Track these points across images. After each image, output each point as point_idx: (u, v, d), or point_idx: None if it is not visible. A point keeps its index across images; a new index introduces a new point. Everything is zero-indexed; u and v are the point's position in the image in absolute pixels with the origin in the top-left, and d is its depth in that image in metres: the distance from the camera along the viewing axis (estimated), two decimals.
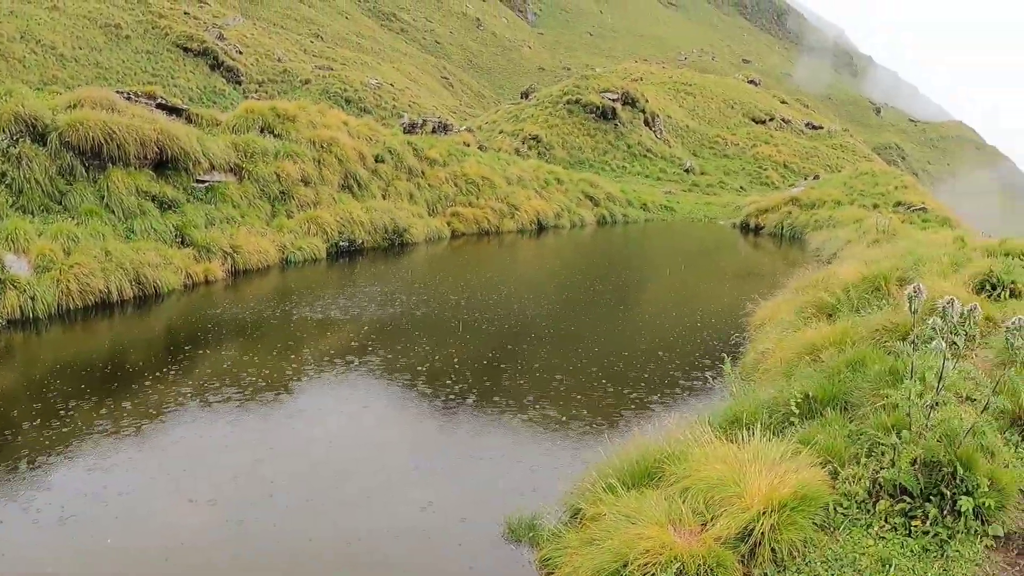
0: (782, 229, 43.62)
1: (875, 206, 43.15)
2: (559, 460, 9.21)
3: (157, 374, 11.91)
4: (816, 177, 65.32)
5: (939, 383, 5.96)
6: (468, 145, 42.71)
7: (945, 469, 5.95)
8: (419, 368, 12.78)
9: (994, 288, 12.40)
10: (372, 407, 11.15)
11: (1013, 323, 5.85)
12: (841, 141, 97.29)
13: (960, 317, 5.87)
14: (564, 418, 10.63)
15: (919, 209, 41.64)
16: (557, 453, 9.48)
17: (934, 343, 5.98)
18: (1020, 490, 6.23)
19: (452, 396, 11.42)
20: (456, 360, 13.39)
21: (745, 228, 46.20)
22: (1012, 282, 12.50)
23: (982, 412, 6.15)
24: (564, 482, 7.76)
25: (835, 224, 37.92)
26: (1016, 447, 7.02)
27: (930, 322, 5.97)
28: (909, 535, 5.79)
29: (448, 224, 31.18)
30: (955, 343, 5.97)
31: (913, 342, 6.35)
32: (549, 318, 17.68)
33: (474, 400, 11.34)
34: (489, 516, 7.55)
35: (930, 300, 10.58)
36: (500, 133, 64.72)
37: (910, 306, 6.11)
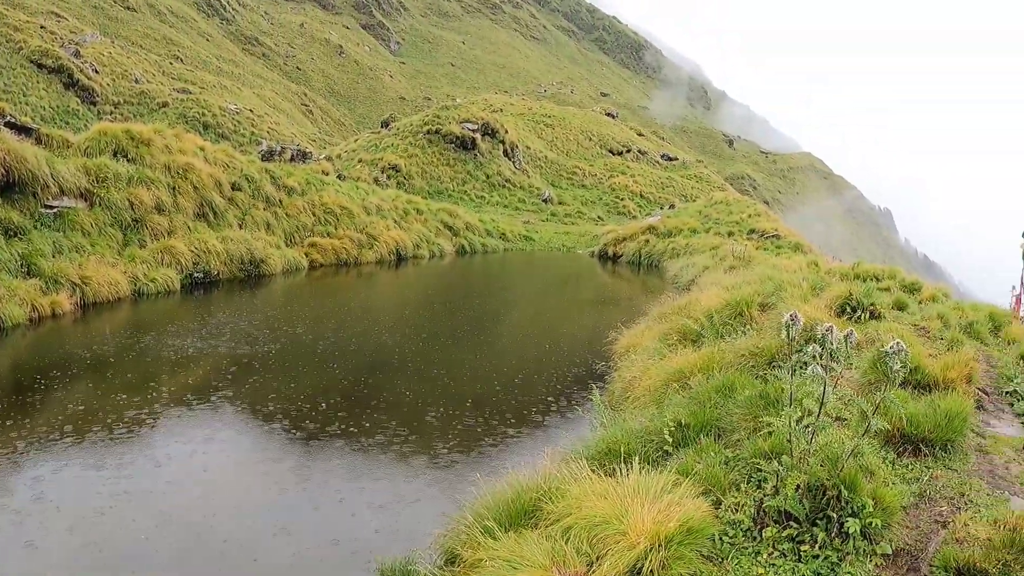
0: (640, 257, 44.38)
1: (730, 233, 44.34)
2: (430, 500, 8.95)
3: None
4: (672, 206, 66.80)
5: (820, 408, 5.95)
6: (327, 174, 42.18)
7: (830, 492, 5.95)
8: (279, 406, 12.30)
9: (854, 310, 12.73)
10: (230, 449, 10.51)
11: (892, 347, 5.88)
12: (696, 172, 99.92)
13: (839, 343, 5.86)
14: (433, 455, 10.35)
15: (772, 236, 42.91)
16: (428, 492, 9.20)
17: (809, 369, 5.98)
18: (902, 507, 6.34)
19: (315, 435, 10.99)
20: (318, 397, 12.93)
21: (604, 257, 46.83)
22: (871, 304, 12.88)
23: (863, 434, 6.20)
24: (437, 524, 7.49)
25: (692, 252, 38.75)
26: (893, 465, 7.23)
27: (809, 349, 5.97)
28: (799, 560, 5.74)
29: (306, 255, 30.47)
30: (832, 368, 5.97)
31: (792, 369, 6.34)
32: (412, 351, 17.24)
33: (338, 438, 10.93)
34: (359, 563, 7.27)
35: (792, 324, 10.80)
36: (359, 162, 64.17)
37: (787, 333, 6.07)
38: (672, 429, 7.97)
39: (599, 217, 69.15)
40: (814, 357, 5.91)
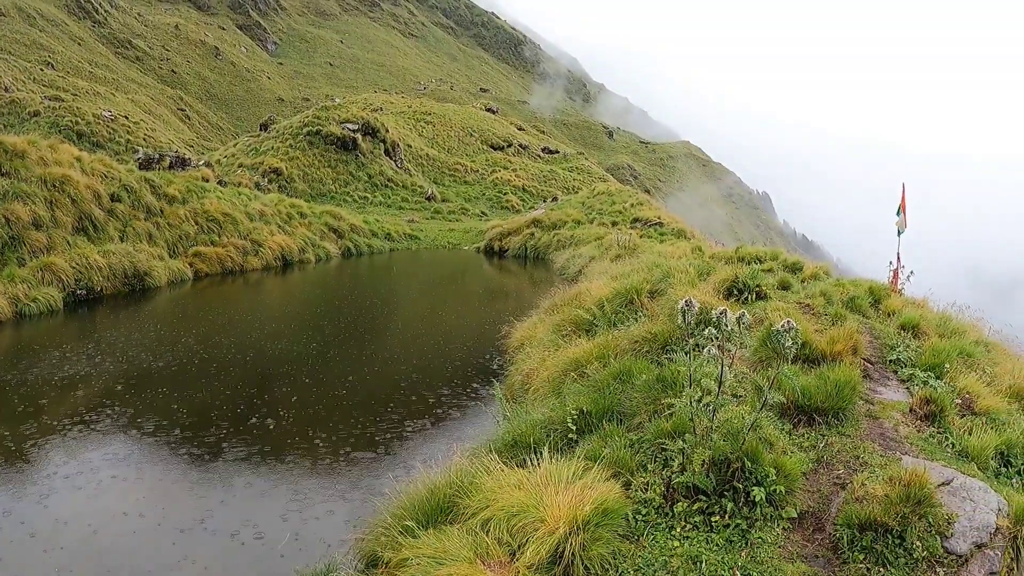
0: (526, 251, 44.70)
1: (614, 223, 44.98)
2: (345, 505, 8.93)
3: None
4: (555, 199, 67.38)
5: (719, 387, 6.19)
6: (208, 180, 41.35)
7: (734, 465, 6.30)
8: (175, 423, 12.01)
9: (740, 292, 13.12)
10: (126, 472, 10.09)
11: (782, 326, 6.15)
12: (577, 164, 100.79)
13: (733, 325, 6.11)
14: (341, 460, 10.34)
15: (655, 224, 43.69)
16: (341, 498, 9.17)
17: (706, 350, 6.23)
18: (803, 473, 6.77)
19: (217, 450, 10.77)
20: (217, 411, 12.71)
21: (490, 252, 47.02)
22: (757, 285, 13.31)
23: (760, 408, 6.49)
24: (355, 528, 7.50)
25: (577, 243, 39.14)
26: (790, 435, 7.66)
27: (706, 332, 6.21)
28: (711, 531, 6.07)
29: (190, 265, 29.73)
30: (728, 348, 6.22)
31: (689, 351, 6.57)
32: (308, 356, 17.06)
33: (241, 451, 10.74)
34: None
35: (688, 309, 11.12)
36: (240, 167, 63.16)
37: (683, 318, 6.33)
38: (575, 417, 8.18)
39: (483, 213, 69.32)
40: (710, 339, 6.15)
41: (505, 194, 77.23)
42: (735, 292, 13.20)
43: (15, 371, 14.97)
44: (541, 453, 6.86)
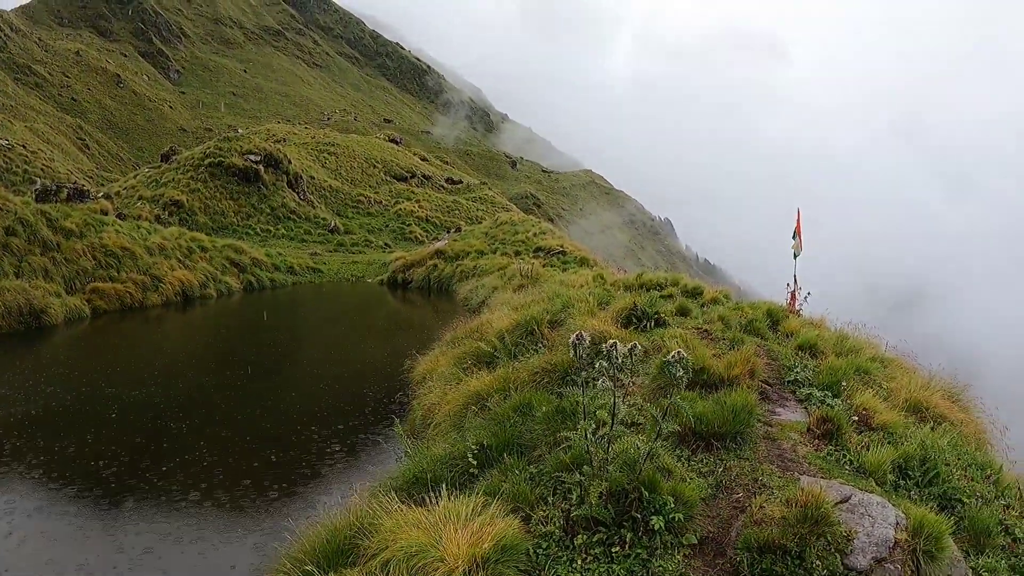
0: (429, 282, 44.72)
1: (517, 253, 45.22)
2: (244, 550, 8.76)
3: None
4: (459, 229, 67.39)
5: (612, 419, 6.29)
6: (107, 213, 40.58)
7: (632, 495, 6.35)
8: (72, 468, 11.61)
9: (639, 320, 13.28)
10: (20, 522, 9.63)
11: (673, 356, 6.28)
12: (480, 194, 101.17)
13: (625, 357, 6.21)
14: (241, 504, 10.12)
15: (558, 252, 44.02)
16: (240, 543, 8.99)
17: (600, 382, 6.35)
18: (702, 499, 6.84)
19: (113, 496, 10.44)
20: (110, 454, 12.30)
21: (393, 284, 46.92)
22: (656, 313, 13.49)
23: (656, 438, 6.59)
24: (254, 573, 7.41)
25: (481, 273, 39.26)
26: (688, 461, 7.71)
27: (597, 365, 6.31)
28: (612, 561, 6.09)
29: (88, 302, 28.90)
30: (620, 380, 6.33)
31: (582, 384, 6.66)
32: (208, 395, 16.72)
33: (138, 496, 10.44)
34: None
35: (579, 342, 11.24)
36: (140, 199, 61.97)
37: (574, 352, 6.41)
38: (475, 452, 8.15)
39: (386, 244, 69.08)
40: (601, 372, 6.26)
41: (409, 225, 77.11)
42: (634, 320, 13.34)
43: None
44: (440, 490, 6.81)
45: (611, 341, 6.24)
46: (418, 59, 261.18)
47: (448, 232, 68.51)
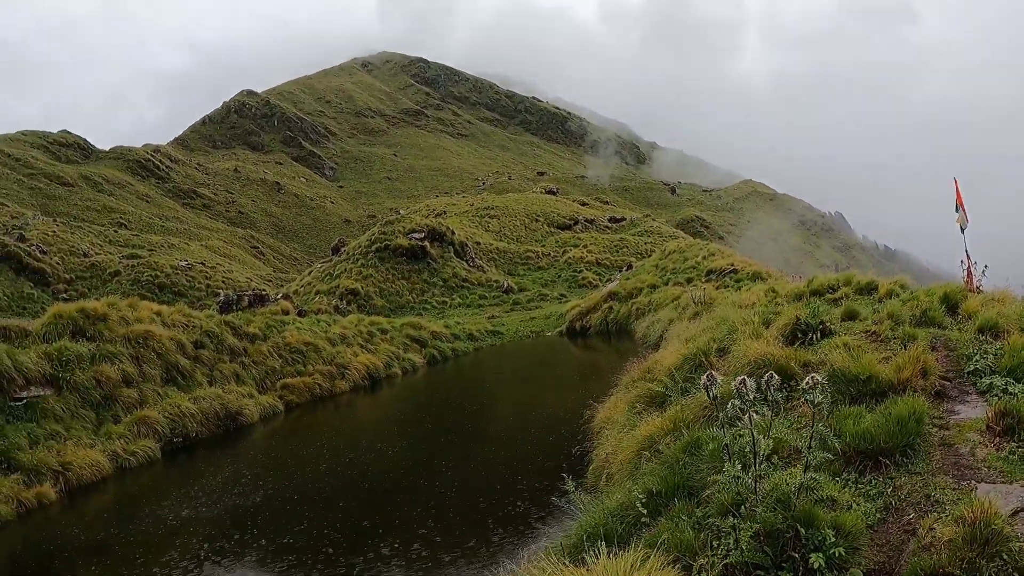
0: (607, 325, 44.54)
1: (688, 280, 44.76)
2: None
3: None
4: (629, 267, 67.20)
5: (755, 458, 6.10)
6: (287, 313, 42.06)
7: (787, 534, 5.98)
8: (288, 557, 12.26)
9: (804, 333, 12.88)
10: None
11: (807, 383, 6.08)
12: (645, 227, 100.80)
13: (758, 391, 6.06)
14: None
15: (730, 272, 43.37)
16: None
17: (741, 422, 6.15)
18: (868, 526, 6.35)
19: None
20: (325, 539, 12.87)
21: (572, 333, 46.94)
22: (820, 323, 13.03)
23: (805, 471, 6.27)
24: None
25: (655, 307, 38.91)
26: (856, 485, 7.17)
27: (728, 406, 6.13)
28: None
29: (280, 398, 30.02)
30: (762, 412, 6.15)
31: (721, 425, 6.50)
32: (403, 469, 17.30)
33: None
34: None
35: (749, 364, 10.97)
36: (317, 294, 64.12)
37: (708, 394, 6.28)
38: (643, 500, 7.89)
39: (561, 295, 69.23)
40: (741, 410, 6.06)
41: (580, 272, 77.15)
42: (799, 335, 12.99)
43: (121, 524, 15.36)
44: (599, 548, 6.56)
45: (739, 378, 6.08)
46: (556, 108, 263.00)
47: (620, 271, 68.33)
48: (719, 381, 6.21)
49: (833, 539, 5.89)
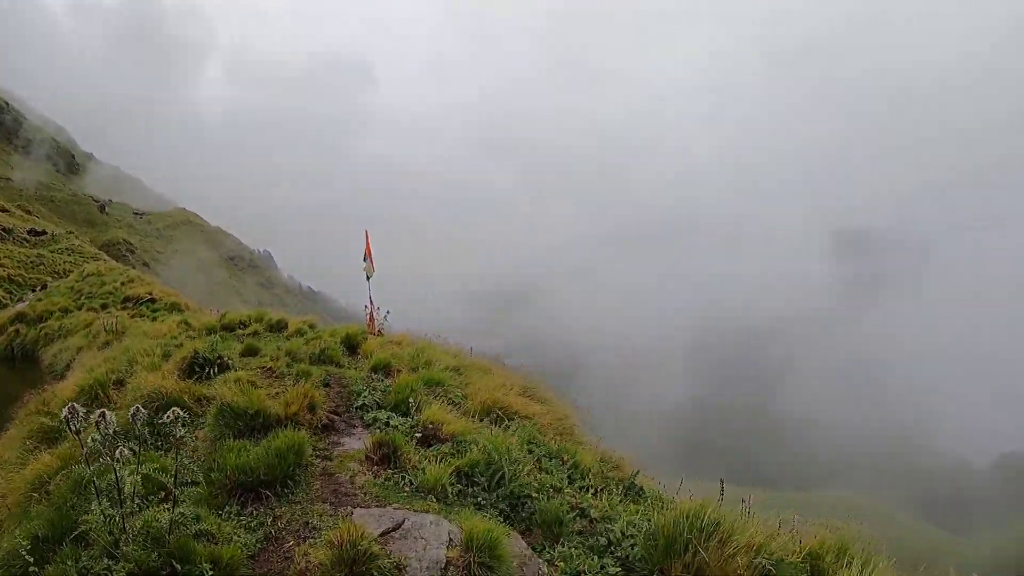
0: (13, 351, 41.33)
1: (103, 306, 43.09)
2: None
3: None
4: (44, 287, 63.44)
5: (119, 494, 6.01)
6: None
7: (163, 572, 6.00)
8: None
9: (202, 368, 13.02)
10: None
11: (167, 417, 6.12)
12: (67, 245, 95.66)
13: (136, 424, 6.00)
14: None
15: (148, 300, 42.61)
16: None
17: (117, 452, 6.06)
18: (249, 556, 6.62)
19: None
20: None
21: None
22: (219, 357, 13.29)
23: (175, 507, 6.30)
24: None
25: (66, 333, 36.85)
26: (238, 516, 7.41)
27: (88, 440, 6.02)
28: None
29: None
30: (132, 449, 6.09)
31: (84, 459, 6.34)
32: None
33: None
34: None
35: (143, 397, 10.84)
36: None
37: (69, 427, 6.13)
38: (28, 547, 7.13)
39: None
40: (100, 446, 5.95)
41: None
42: (196, 368, 13.06)
43: None
44: None
45: (100, 411, 6.00)
46: None
47: (33, 291, 64.14)
48: (81, 413, 6.04)
49: (211, 572, 6.06)
